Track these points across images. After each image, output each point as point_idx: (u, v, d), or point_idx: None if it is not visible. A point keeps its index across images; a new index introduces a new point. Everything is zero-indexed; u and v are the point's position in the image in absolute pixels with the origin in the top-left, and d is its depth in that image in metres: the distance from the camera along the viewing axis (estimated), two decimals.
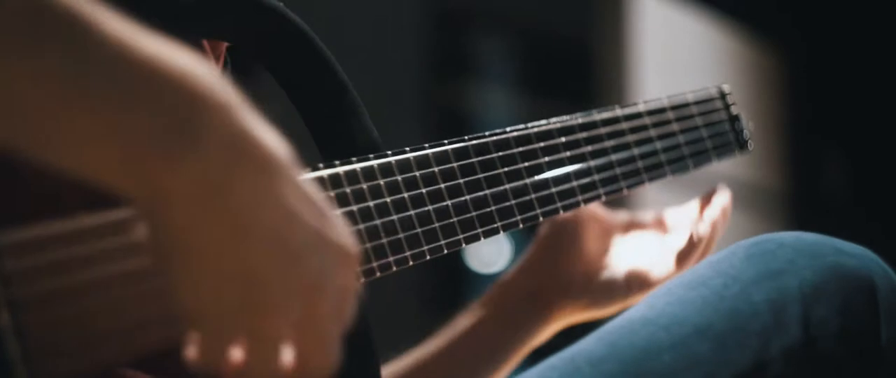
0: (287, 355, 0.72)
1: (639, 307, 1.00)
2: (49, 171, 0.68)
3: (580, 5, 4.56)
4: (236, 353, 0.70)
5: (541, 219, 1.07)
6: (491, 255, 5.19)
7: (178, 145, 0.66)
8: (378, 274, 0.94)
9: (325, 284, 0.72)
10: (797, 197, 5.51)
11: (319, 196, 0.73)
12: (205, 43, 0.98)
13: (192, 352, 0.70)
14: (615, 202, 1.19)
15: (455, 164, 1.01)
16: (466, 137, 1.03)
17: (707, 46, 4.75)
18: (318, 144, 0.98)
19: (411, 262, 0.96)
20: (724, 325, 0.95)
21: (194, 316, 0.70)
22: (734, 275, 0.99)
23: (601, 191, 1.13)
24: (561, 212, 1.09)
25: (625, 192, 1.15)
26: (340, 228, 0.74)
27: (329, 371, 0.75)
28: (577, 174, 1.11)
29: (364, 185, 0.93)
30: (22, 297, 0.70)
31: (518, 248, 5.16)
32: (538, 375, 0.96)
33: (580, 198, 1.11)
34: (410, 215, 0.96)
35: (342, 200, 0.91)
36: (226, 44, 1.02)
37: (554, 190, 1.09)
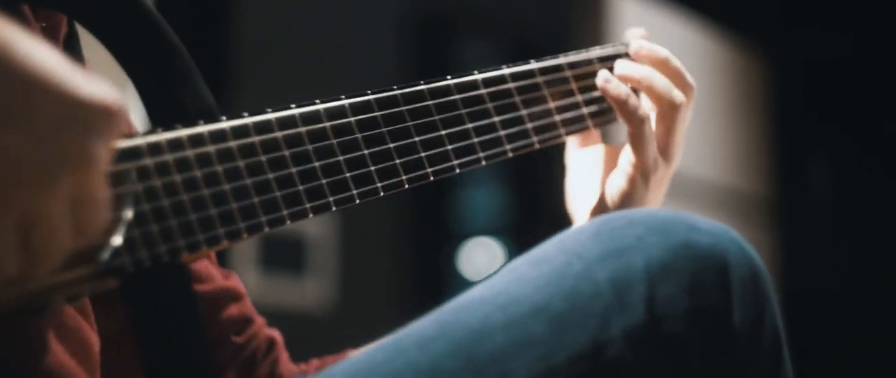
0: (68, 227, 0.70)
1: (479, 286, 0.95)
2: None
3: (559, 9, 4.54)
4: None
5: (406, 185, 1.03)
6: (484, 263, 5.16)
7: None
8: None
9: (92, 147, 0.70)
10: (781, 202, 5.47)
11: (63, 62, 0.70)
12: (26, 10, 0.95)
13: None
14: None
15: (303, 129, 0.96)
16: (318, 101, 0.99)
17: (687, 50, 4.70)
18: (146, 111, 0.93)
19: (244, 237, 0.90)
20: (563, 304, 0.90)
21: None
22: (579, 252, 0.93)
23: (508, 147, 1.12)
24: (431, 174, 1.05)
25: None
26: (94, 88, 0.71)
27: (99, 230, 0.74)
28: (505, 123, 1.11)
29: (189, 153, 0.88)
30: None
31: (510, 256, 5.12)
32: (366, 358, 0.91)
33: (481, 155, 1.09)
34: (239, 186, 0.91)
35: (161, 171, 0.86)
36: (62, 15, 0.98)
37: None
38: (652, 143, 1.17)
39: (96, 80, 0.72)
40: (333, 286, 3.70)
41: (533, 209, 4.84)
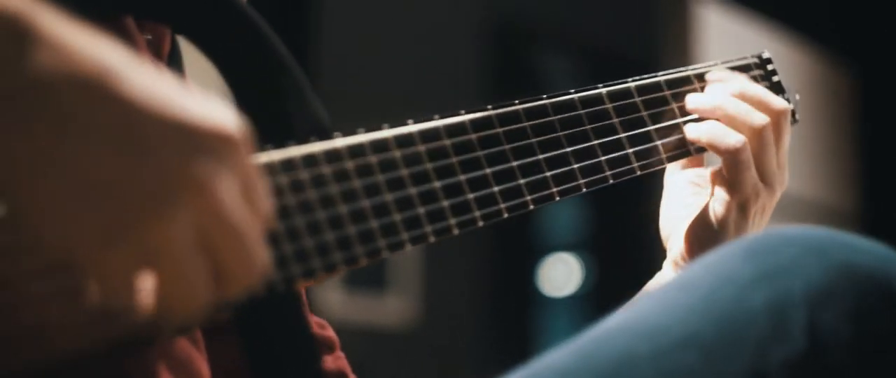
0: (199, 267, 0.65)
1: (621, 314, 0.88)
2: None
3: (645, 23, 4.48)
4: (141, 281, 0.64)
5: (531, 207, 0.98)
6: (561, 279, 5.11)
7: None
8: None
9: (210, 173, 0.65)
10: (869, 217, 5.36)
11: (170, 84, 0.66)
12: (130, 23, 0.91)
13: (93, 291, 0.65)
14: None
15: (422, 148, 0.91)
16: (436, 117, 0.94)
17: (775, 62, 4.62)
18: (255, 128, 0.88)
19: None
20: (715, 332, 0.83)
21: (61, 244, 0.63)
22: (730, 275, 0.86)
23: (636, 164, 1.08)
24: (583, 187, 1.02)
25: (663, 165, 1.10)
26: (209, 112, 0.66)
27: (259, 274, 0.69)
28: (604, 147, 1.05)
29: (303, 174, 0.82)
30: None
31: (588, 272, 5.07)
32: None
33: (608, 173, 1.05)
34: (361, 206, 0.85)
35: (274, 193, 0.80)
36: (166, 28, 0.96)
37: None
38: (749, 170, 1.12)
39: (211, 101, 0.67)
40: (416, 303, 3.68)
41: (612, 225, 4.80)
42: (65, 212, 0.62)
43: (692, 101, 1.15)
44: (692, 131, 1.12)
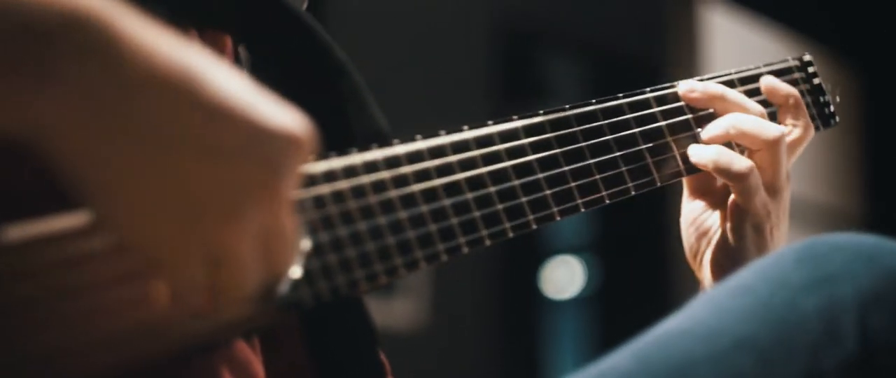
0: (258, 266, 0.68)
1: (676, 317, 0.90)
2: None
3: (651, 26, 4.49)
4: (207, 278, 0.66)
5: (582, 209, 1.00)
6: (565, 281, 5.12)
7: (38, 67, 0.60)
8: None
9: (279, 177, 0.67)
10: (875, 220, 5.37)
11: (248, 89, 0.67)
12: (193, 34, 0.92)
13: (162, 294, 0.67)
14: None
15: (477, 153, 0.93)
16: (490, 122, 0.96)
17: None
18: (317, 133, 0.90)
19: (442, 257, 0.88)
20: (770, 336, 0.85)
21: (144, 250, 0.65)
22: (782, 281, 0.88)
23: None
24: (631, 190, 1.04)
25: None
26: (280, 115, 0.68)
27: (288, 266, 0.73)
28: (652, 152, 1.07)
29: (364, 180, 0.84)
30: None
31: (591, 273, 5.08)
32: None
33: (656, 176, 1.07)
34: (415, 213, 0.87)
35: (337, 199, 0.82)
36: (227, 37, 0.96)
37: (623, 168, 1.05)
38: (758, 193, 1.11)
39: (284, 107, 0.69)
40: (423, 306, 3.68)
41: (614, 228, 4.80)
42: (148, 216, 0.64)
43: (706, 131, 1.13)
44: (696, 155, 1.11)
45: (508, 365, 4.25)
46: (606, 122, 1.04)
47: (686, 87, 1.13)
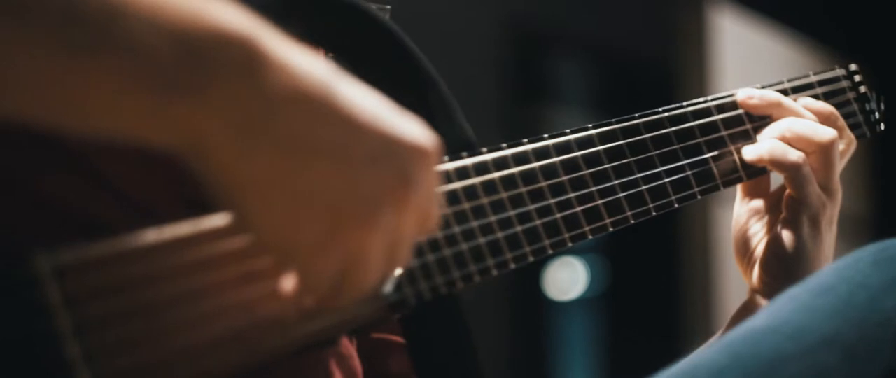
0: (383, 268, 0.72)
1: (762, 315, 0.93)
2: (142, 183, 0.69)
3: (660, 26, 4.51)
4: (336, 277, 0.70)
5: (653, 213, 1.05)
6: (568, 282, 5.14)
7: (192, 82, 0.64)
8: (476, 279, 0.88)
9: (409, 185, 0.71)
10: (883, 224, 5.40)
11: (378, 100, 0.72)
12: None
13: (290, 287, 0.71)
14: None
15: (556, 160, 0.97)
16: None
17: (789, 67, 4.66)
18: None
19: (510, 267, 0.90)
20: (853, 334, 0.88)
21: (282, 251, 0.69)
22: (862, 281, 0.92)
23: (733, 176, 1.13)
24: (674, 203, 1.07)
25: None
26: (409, 127, 0.72)
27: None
28: (693, 165, 1.09)
29: (456, 186, 0.88)
30: (87, 320, 0.67)
31: (593, 274, 5.10)
32: None
33: (719, 181, 1.11)
34: (509, 216, 0.91)
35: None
36: (318, 49, 0.99)
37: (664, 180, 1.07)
38: (812, 183, 1.16)
39: (411, 119, 0.73)
40: None
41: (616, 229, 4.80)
42: (288, 221, 0.68)
43: (762, 134, 1.17)
44: (752, 152, 1.15)
45: (510, 366, 4.27)
46: (673, 129, 1.09)
47: (745, 95, 1.17)
